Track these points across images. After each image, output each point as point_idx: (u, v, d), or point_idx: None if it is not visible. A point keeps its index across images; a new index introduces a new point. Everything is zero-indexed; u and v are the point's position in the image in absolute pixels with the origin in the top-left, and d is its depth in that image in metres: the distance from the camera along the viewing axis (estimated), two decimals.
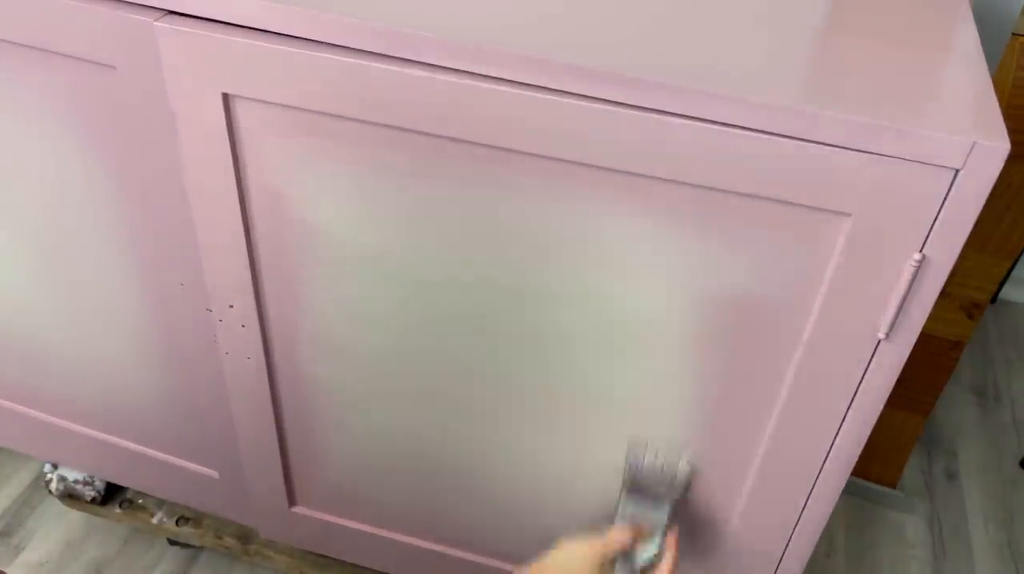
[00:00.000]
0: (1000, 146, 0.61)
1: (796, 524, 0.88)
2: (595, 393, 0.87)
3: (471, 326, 0.85)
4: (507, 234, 0.77)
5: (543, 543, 1.03)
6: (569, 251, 0.76)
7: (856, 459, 0.81)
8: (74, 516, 1.50)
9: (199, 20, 0.73)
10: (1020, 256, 1.80)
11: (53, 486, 1.36)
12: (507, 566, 1.08)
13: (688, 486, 0.85)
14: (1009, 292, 2.15)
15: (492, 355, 0.87)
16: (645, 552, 0.81)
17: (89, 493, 1.35)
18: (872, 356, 0.73)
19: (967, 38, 0.78)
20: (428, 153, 0.74)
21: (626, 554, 0.80)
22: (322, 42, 0.70)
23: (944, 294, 0.68)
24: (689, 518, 0.90)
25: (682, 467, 0.84)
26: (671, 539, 0.82)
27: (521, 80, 0.67)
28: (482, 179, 0.74)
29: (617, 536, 0.80)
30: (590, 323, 0.81)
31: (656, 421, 0.86)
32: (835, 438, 0.79)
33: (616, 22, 0.75)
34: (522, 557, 1.06)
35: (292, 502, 1.12)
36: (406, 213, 0.79)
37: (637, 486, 0.84)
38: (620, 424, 0.88)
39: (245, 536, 1.32)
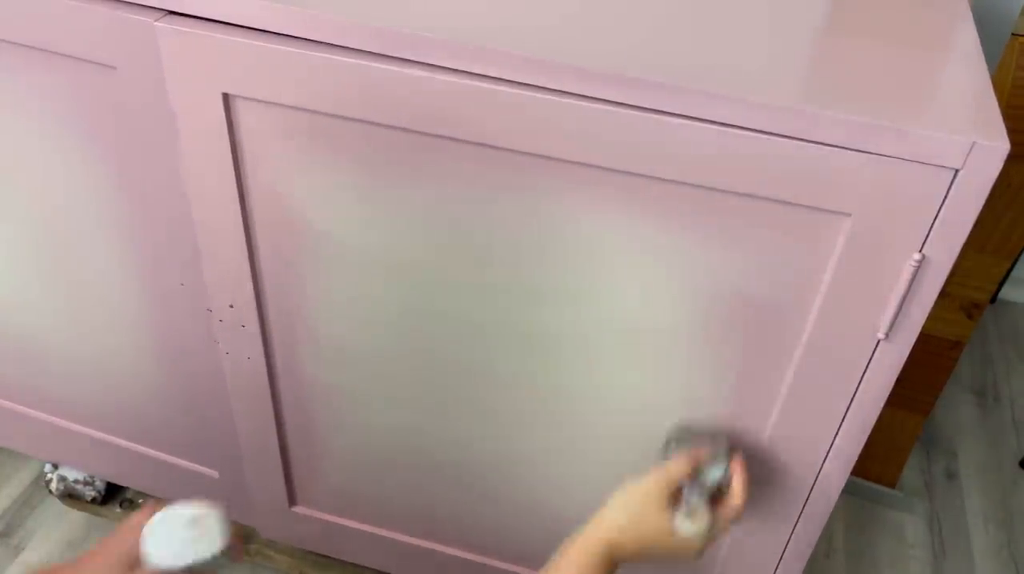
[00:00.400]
0: (1000, 146, 0.61)
1: (796, 524, 0.88)
2: (594, 393, 0.87)
3: (471, 326, 0.85)
4: (506, 234, 0.77)
5: (542, 542, 1.03)
6: (568, 251, 0.76)
7: (856, 459, 0.81)
8: (74, 516, 1.50)
9: (199, 20, 0.73)
10: (1020, 256, 1.80)
11: (53, 486, 1.36)
12: (507, 566, 1.08)
13: (728, 457, 0.80)
14: (1009, 292, 2.15)
15: (492, 355, 0.87)
16: (712, 474, 0.77)
17: (89, 493, 1.35)
18: (872, 356, 0.73)
19: (967, 38, 0.78)
20: (428, 153, 0.74)
21: (692, 479, 0.77)
22: (322, 42, 0.70)
23: (944, 294, 0.68)
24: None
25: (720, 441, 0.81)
26: (737, 460, 0.79)
27: (521, 80, 0.67)
28: (481, 179, 0.74)
29: (678, 465, 0.77)
30: (589, 323, 0.81)
31: (656, 421, 0.86)
32: (835, 438, 0.79)
33: (616, 22, 0.75)
34: (522, 556, 1.07)
35: (292, 502, 1.12)
36: (406, 213, 0.79)
37: (684, 443, 0.81)
38: (621, 424, 0.88)
39: (245, 536, 1.32)
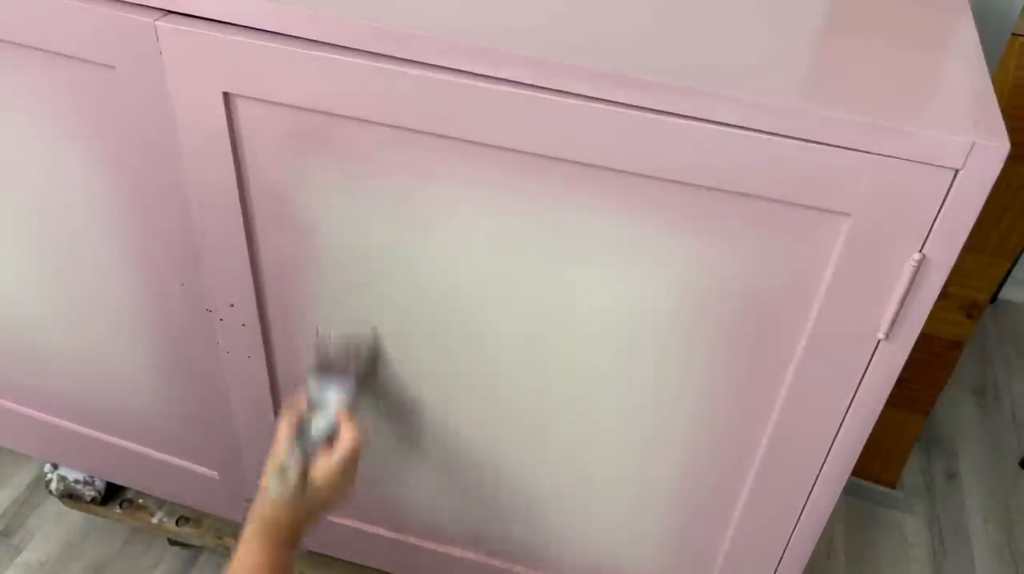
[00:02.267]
0: (1000, 146, 0.61)
1: (796, 524, 0.88)
2: (594, 394, 0.86)
3: (472, 326, 0.85)
4: (508, 235, 0.77)
5: (542, 542, 1.03)
6: (568, 251, 0.76)
7: (856, 459, 0.81)
8: (74, 516, 1.50)
9: (200, 20, 0.73)
10: (1019, 256, 1.80)
11: (53, 486, 1.36)
12: (508, 566, 1.08)
13: (374, 359, 0.87)
14: (1009, 292, 2.15)
15: (492, 356, 0.87)
16: (316, 427, 0.82)
17: (89, 493, 1.35)
18: (872, 356, 0.73)
19: (967, 38, 0.78)
20: (428, 153, 0.74)
21: (300, 431, 0.82)
22: (322, 42, 0.70)
23: (944, 294, 0.68)
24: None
25: (368, 341, 0.86)
26: (345, 415, 0.82)
27: (521, 80, 0.67)
28: (482, 179, 0.74)
29: (284, 417, 0.82)
30: (589, 325, 0.81)
31: (657, 421, 0.86)
32: (835, 438, 0.79)
33: (616, 22, 0.75)
34: (522, 556, 1.06)
35: None
36: (406, 213, 0.79)
37: (322, 365, 0.86)
38: (621, 425, 0.88)
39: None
